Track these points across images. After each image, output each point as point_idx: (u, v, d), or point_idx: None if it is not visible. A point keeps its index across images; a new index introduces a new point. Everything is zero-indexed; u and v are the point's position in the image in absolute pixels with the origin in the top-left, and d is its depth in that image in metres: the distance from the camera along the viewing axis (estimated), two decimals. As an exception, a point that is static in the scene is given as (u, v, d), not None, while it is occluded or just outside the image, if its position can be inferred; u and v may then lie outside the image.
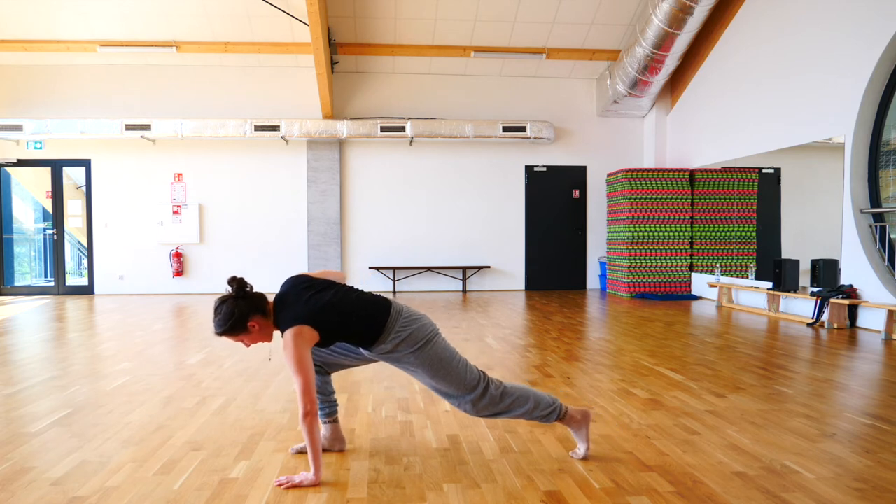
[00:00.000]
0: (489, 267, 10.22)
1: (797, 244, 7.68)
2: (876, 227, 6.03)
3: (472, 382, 2.43)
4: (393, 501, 2.18)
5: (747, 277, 8.13)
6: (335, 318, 2.35)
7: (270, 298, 2.46)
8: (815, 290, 6.34)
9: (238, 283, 2.38)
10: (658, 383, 3.87)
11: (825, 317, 6.09)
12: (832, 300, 6.03)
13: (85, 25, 8.80)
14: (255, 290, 2.43)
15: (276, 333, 2.45)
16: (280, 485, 2.30)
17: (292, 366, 2.26)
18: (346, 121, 9.62)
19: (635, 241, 9.06)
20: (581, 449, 2.58)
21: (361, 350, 2.51)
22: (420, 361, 2.40)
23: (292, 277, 2.51)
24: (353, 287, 2.53)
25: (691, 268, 9.18)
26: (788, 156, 7.49)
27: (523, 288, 10.33)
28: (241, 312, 2.33)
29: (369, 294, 2.50)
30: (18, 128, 9.21)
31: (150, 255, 9.85)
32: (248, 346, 2.44)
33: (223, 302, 2.36)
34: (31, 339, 5.67)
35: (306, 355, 2.27)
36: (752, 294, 7.71)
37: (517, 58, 9.70)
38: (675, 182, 9.10)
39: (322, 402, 2.67)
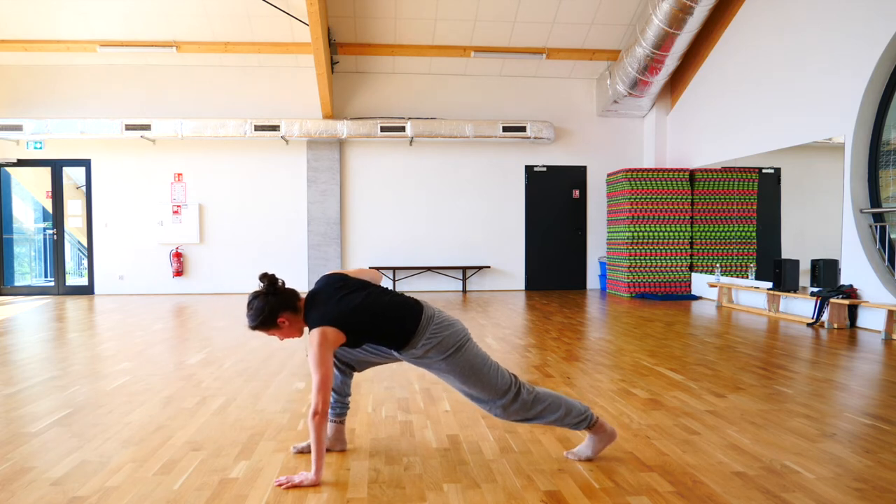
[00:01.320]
0: (489, 267, 10.22)
1: (797, 244, 7.68)
2: (876, 227, 6.03)
3: (504, 387, 2.42)
4: (393, 501, 2.18)
5: (747, 277, 8.13)
6: (365, 321, 2.36)
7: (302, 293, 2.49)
8: (815, 290, 6.34)
9: (269, 280, 2.42)
10: (658, 383, 3.87)
11: (825, 317, 6.09)
12: (832, 300, 6.03)
13: (85, 25, 8.81)
14: (286, 285, 2.47)
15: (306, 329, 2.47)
16: (280, 485, 2.30)
17: (312, 364, 2.27)
18: (346, 121, 9.62)
19: (635, 241, 9.06)
20: (583, 454, 2.56)
21: (392, 350, 2.51)
22: (450, 367, 2.40)
23: (327, 275, 2.52)
24: (386, 289, 2.52)
25: (691, 268, 9.18)
26: (788, 156, 7.49)
27: (523, 288, 10.33)
28: (271, 309, 2.38)
29: (402, 297, 2.49)
30: (18, 128, 9.21)
31: (150, 255, 9.85)
32: (281, 339, 2.49)
33: (255, 297, 2.41)
34: (31, 339, 5.67)
35: (328, 356, 2.29)
36: (752, 294, 7.71)
37: (517, 58, 9.71)
38: (675, 182, 9.10)
39: (336, 402, 2.68)
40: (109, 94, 9.64)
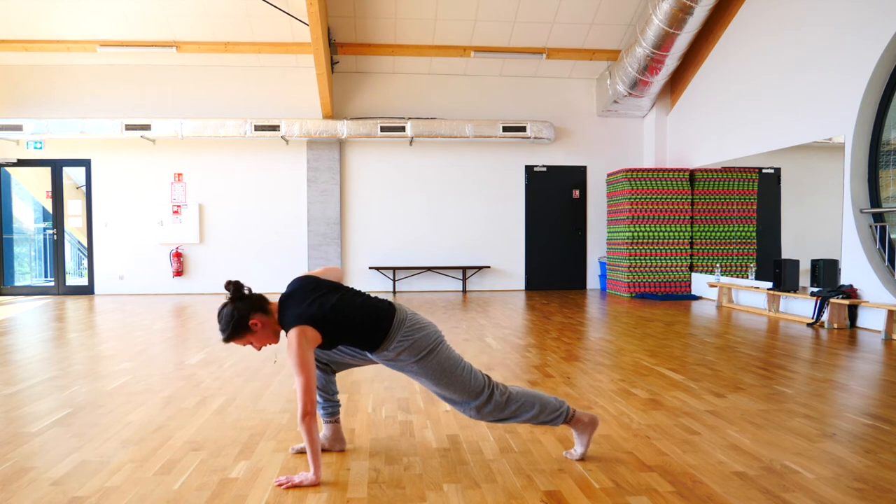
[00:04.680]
0: (489, 267, 10.22)
1: (797, 244, 7.68)
2: (876, 227, 6.03)
3: (477, 389, 2.42)
4: (393, 501, 2.18)
5: (747, 277, 8.13)
6: (339, 322, 2.36)
7: (274, 299, 2.47)
8: (815, 290, 6.34)
9: (234, 286, 2.39)
10: (658, 383, 3.87)
11: (825, 317, 6.09)
12: (832, 300, 6.03)
13: (85, 25, 8.81)
14: (253, 291, 2.46)
15: (283, 336, 2.46)
16: (280, 485, 2.30)
17: (294, 365, 2.26)
18: (346, 121, 9.62)
19: (635, 241, 9.06)
20: (577, 451, 2.57)
21: (366, 352, 2.51)
22: (423, 370, 2.40)
23: (300, 277, 2.52)
24: (359, 291, 2.52)
25: (691, 268, 9.18)
26: (788, 156, 7.49)
27: (523, 288, 10.33)
28: (240, 313, 2.36)
29: (375, 299, 2.49)
30: (18, 128, 9.21)
31: (150, 255, 9.85)
32: (258, 349, 2.45)
33: (223, 307, 2.39)
34: (31, 339, 5.67)
35: (309, 355, 2.28)
36: (752, 294, 7.71)
37: (517, 58, 9.71)
38: (675, 182, 9.10)
39: (325, 402, 2.68)
40: (109, 94, 9.64)
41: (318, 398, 2.65)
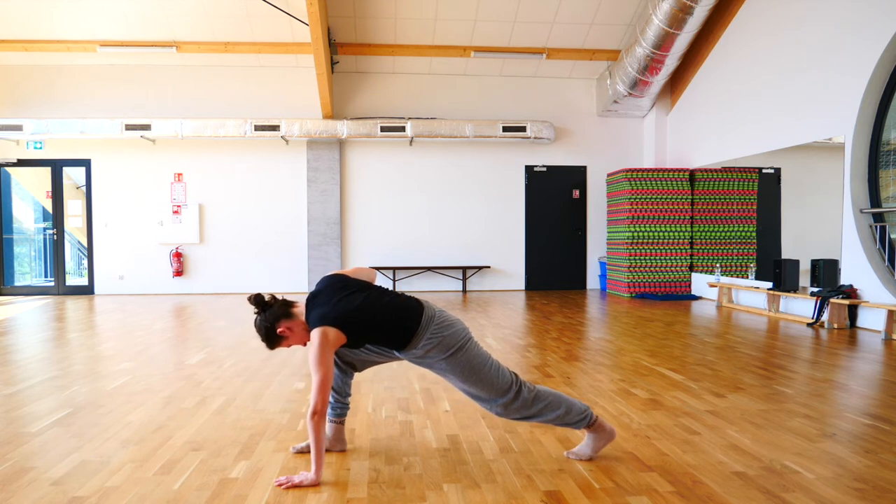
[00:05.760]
0: (489, 267, 10.22)
1: (797, 244, 7.68)
2: (876, 227, 6.03)
3: (504, 386, 2.43)
4: (393, 501, 2.18)
5: (747, 277, 8.13)
6: (365, 321, 2.37)
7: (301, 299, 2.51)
8: (815, 290, 6.34)
9: (256, 299, 2.47)
10: (658, 383, 3.87)
11: (825, 317, 6.09)
12: (832, 300, 6.03)
13: (85, 25, 8.81)
14: (277, 297, 2.52)
15: None
16: (280, 485, 2.30)
17: (312, 364, 2.29)
18: (346, 121, 9.62)
19: (635, 241, 9.06)
20: (583, 454, 2.57)
21: (394, 350, 2.53)
22: (451, 367, 2.42)
23: (328, 276, 2.55)
24: (387, 290, 2.53)
25: (691, 268, 9.18)
26: (788, 156, 7.49)
27: (523, 288, 10.33)
28: (266, 324, 2.44)
29: (403, 297, 2.50)
30: (18, 128, 9.21)
31: (150, 255, 9.85)
32: (304, 345, 2.53)
33: (255, 322, 2.49)
34: (31, 339, 5.67)
35: (328, 356, 2.31)
36: (752, 294, 7.71)
37: (517, 58, 9.70)
38: (675, 182, 9.10)
39: (336, 402, 2.69)
40: (109, 94, 9.63)
41: (330, 398, 2.66)
